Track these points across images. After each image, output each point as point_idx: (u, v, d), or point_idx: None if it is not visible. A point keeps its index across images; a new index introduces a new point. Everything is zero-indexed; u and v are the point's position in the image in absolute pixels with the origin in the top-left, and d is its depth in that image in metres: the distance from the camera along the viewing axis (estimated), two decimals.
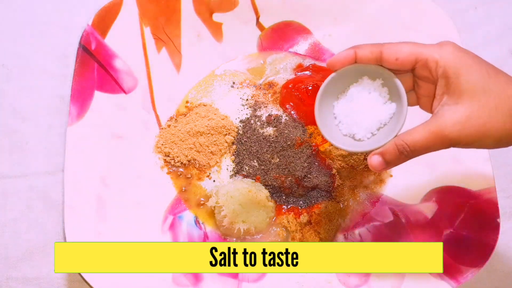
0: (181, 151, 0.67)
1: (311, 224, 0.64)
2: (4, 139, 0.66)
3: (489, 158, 0.61)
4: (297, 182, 0.65)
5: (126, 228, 0.60)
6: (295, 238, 0.64)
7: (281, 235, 0.64)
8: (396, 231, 0.63)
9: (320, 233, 0.63)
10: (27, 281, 0.61)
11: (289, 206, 0.66)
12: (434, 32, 0.66)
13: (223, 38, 0.71)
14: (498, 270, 0.64)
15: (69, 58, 0.69)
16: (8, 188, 0.64)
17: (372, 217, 0.65)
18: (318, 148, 0.67)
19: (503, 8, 0.75)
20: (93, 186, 0.60)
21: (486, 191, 0.60)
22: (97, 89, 0.63)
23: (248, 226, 0.62)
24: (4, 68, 0.69)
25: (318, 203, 0.65)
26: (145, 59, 0.67)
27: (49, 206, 0.64)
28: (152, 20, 0.68)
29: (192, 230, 0.64)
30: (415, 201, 0.64)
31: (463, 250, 0.59)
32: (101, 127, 0.63)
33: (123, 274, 0.56)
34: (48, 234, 0.63)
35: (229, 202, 0.62)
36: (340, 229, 0.65)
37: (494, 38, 0.74)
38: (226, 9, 0.70)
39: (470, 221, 0.60)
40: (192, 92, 0.70)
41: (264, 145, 0.66)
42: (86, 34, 0.63)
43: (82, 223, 0.58)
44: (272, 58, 0.72)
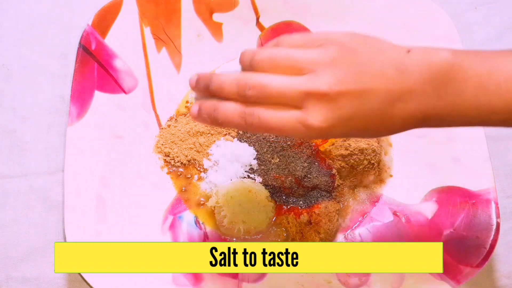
0: (181, 151, 0.67)
1: (311, 224, 0.64)
2: (4, 139, 0.66)
3: (489, 158, 0.61)
4: (297, 182, 0.65)
5: (126, 228, 0.60)
6: (295, 238, 0.63)
7: (281, 235, 0.64)
8: (396, 231, 0.63)
9: (320, 233, 0.63)
10: (27, 281, 0.61)
11: (289, 206, 0.66)
12: (434, 32, 0.66)
13: (223, 38, 0.71)
14: (498, 270, 0.64)
15: (69, 58, 0.69)
16: (8, 188, 0.64)
17: (372, 217, 0.65)
18: (318, 148, 0.67)
19: (503, 8, 0.75)
20: (93, 186, 0.60)
21: (486, 191, 0.60)
22: (97, 89, 0.63)
23: (248, 226, 0.62)
24: (4, 68, 0.69)
25: (318, 203, 0.65)
26: (145, 59, 0.67)
27: (49, 206, 0.64)
28: (152, 20, 0.68)
29: (192, 230, 0.64)
30: (415, 201, 0.64)
31: (463, 250, 0.59)
32: (101, 127, 0.63)
33: (123, 274, 0.56)
34: (48, 234, 0.63)
35: (229, 202, 0.62)
36: (340, 229, 0.65)
37: (494, 38, 0.74)
38: (226, 9, 0.70)
39: (470, 221, 0.60)
40: (192, 92, 0.70)
41: (264, 145, 0.66)
42: (86, 34, 0.63)
43: (82, 223, 0.58)
44: None
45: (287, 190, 0.65)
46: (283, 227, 0.64)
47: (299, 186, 0.65)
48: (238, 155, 0.64)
